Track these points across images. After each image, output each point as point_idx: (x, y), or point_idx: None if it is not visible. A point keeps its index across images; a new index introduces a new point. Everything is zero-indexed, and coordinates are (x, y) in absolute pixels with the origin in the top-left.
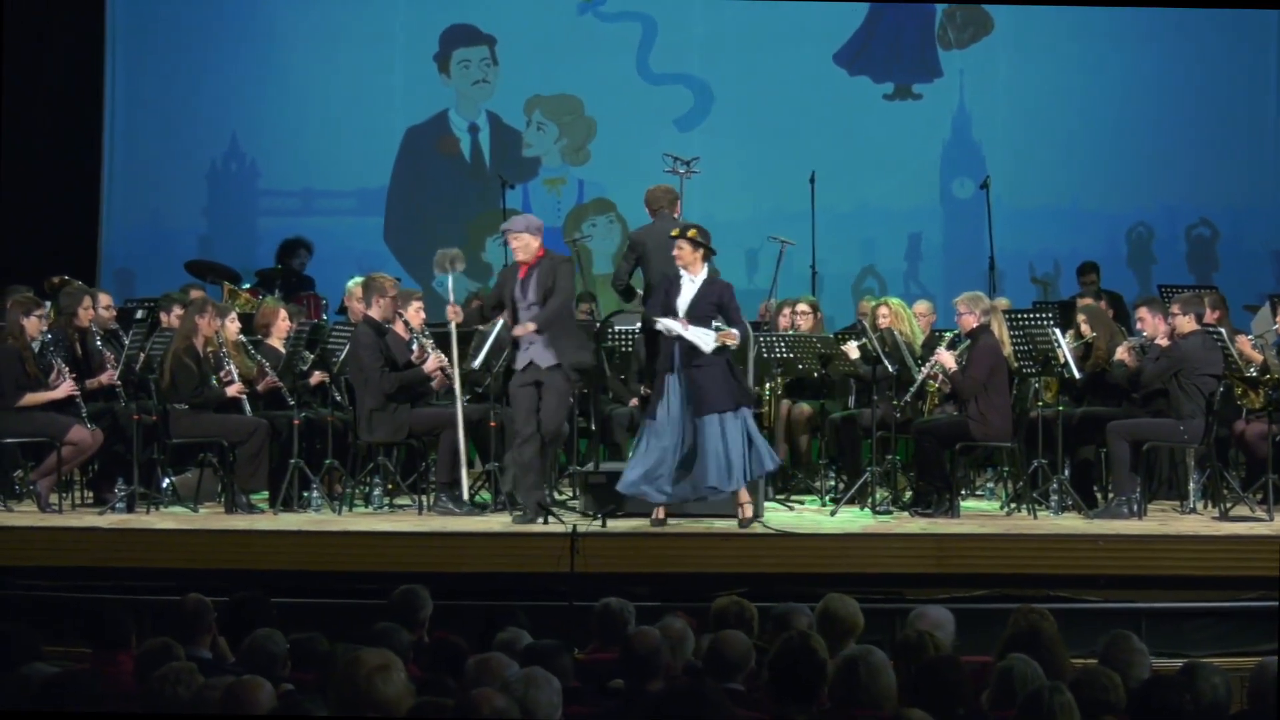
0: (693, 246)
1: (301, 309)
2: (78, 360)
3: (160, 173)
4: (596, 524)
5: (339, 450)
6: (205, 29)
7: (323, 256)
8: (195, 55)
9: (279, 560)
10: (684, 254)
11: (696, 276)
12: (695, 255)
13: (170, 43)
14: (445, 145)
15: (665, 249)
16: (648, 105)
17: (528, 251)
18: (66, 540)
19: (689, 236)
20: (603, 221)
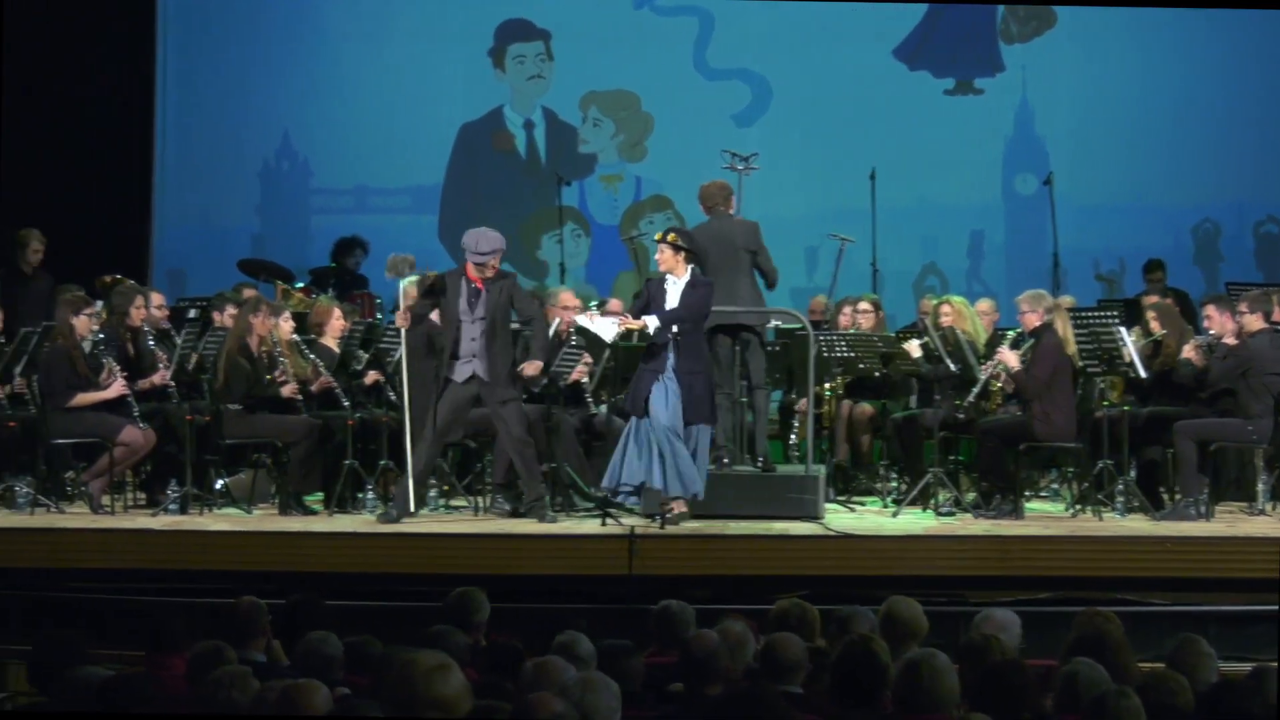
0: (674, 250)
1: (356, 308)
2: (130, 360)
3: (212, 171)
4: (655, 525)
5: (394, 451)
6: (256, 26)
7: (377, 255)
8: (246, 52)
9: (333, 562)
10: (665, 258)
11: (680, 279)
12: (677, 259)
13: (221, 40)
14: (500, 142)
15: (722, 246)
16: (705, 101)
17: (491, 269)
18: (119, 542)
19: (668, 240)
20: (660, 219)
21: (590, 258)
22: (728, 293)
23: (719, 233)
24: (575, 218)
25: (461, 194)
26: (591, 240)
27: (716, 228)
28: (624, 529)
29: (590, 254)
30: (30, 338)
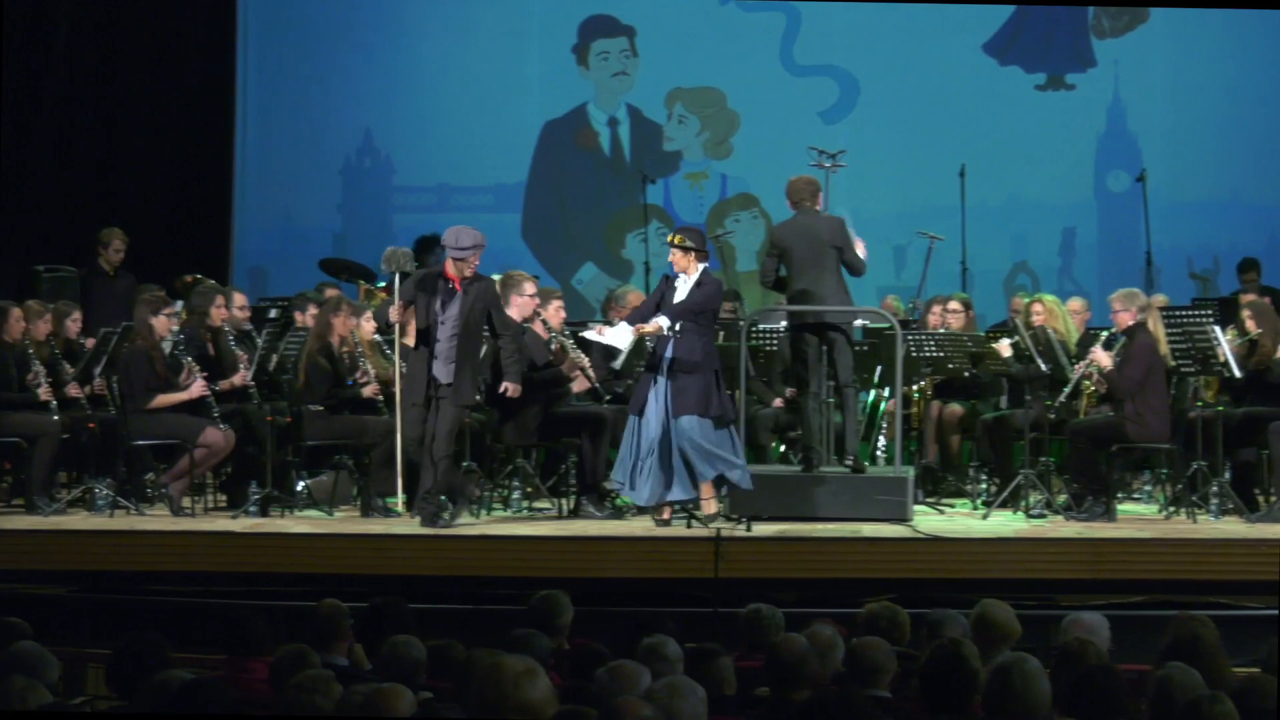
0: (683, 251)
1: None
2: (210, 361)
3: (293, 170)
4: (741, 528)
5: (477, 452)
6: (337, 23)
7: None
8: (328, 50)
9: (416, 565)
10: (676, 259)
11: (690, 277)
12: (688, 259)
13: (302, 38)
14: (584, 139)
15: (808, 242)
16: (792, 97)
17: (470, 267)
18: (199, 545)
19: (675, 243)
20: (746, 217)
21: None
22: (813, 289)
23: (805, 229)
24: (660, 216)
25: (545, 192)
26: None
27: (803, 224)
28: (710, 531)
29: None
30: (110, 338)
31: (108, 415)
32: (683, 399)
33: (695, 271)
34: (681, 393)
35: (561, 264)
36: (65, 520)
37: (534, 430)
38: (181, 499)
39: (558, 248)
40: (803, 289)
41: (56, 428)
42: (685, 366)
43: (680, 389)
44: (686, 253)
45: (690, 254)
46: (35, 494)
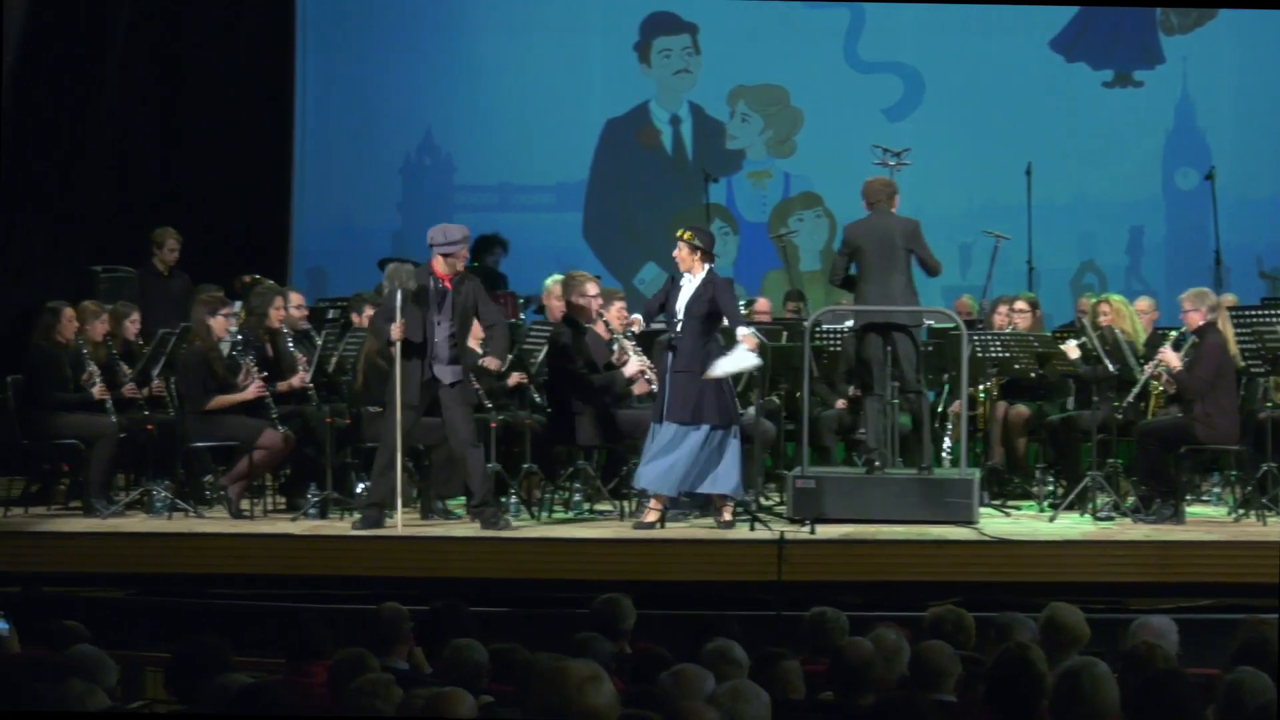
0: (690, 249)
1: (499, 307)
2: (269, 362)
3: (352, 168)
4: (805, 530)
5: (537, 454)
6: (397, 21)
7: (520, 253)
8: (387, 48)
9: (476, 568)
10: (682, 256)
11: (695, 277)
12: (693, 258)
13: (361, 35)
14: (646, 137)
15: (881, 243)
16: (856, 95)
17: (462, 259)
18: (258, 547)
19: (684, 239)
20: (810, 216)
21: (738, 256)
22: (881, 290)
23: (879, 229)
24: (723, 215)
25: (606, 191)
26: (739, 238)
27: (876, 224)
28: (773, 534)
29: (738, 252)
30: (168, 339)
31: (166, 417)
32: (677, 405)
33: (700, 271)
34: (675, 397)
35: (623, 263)
36: (123, 523)
37: (595, 432)
38: (240, 501)
39: (619, 247)
40: (871, 290)
41: (114, 429)
42: (685, 369)
43: (675, 393)
44: (694, 251)
45: (697, 253)
46: (93, 496)
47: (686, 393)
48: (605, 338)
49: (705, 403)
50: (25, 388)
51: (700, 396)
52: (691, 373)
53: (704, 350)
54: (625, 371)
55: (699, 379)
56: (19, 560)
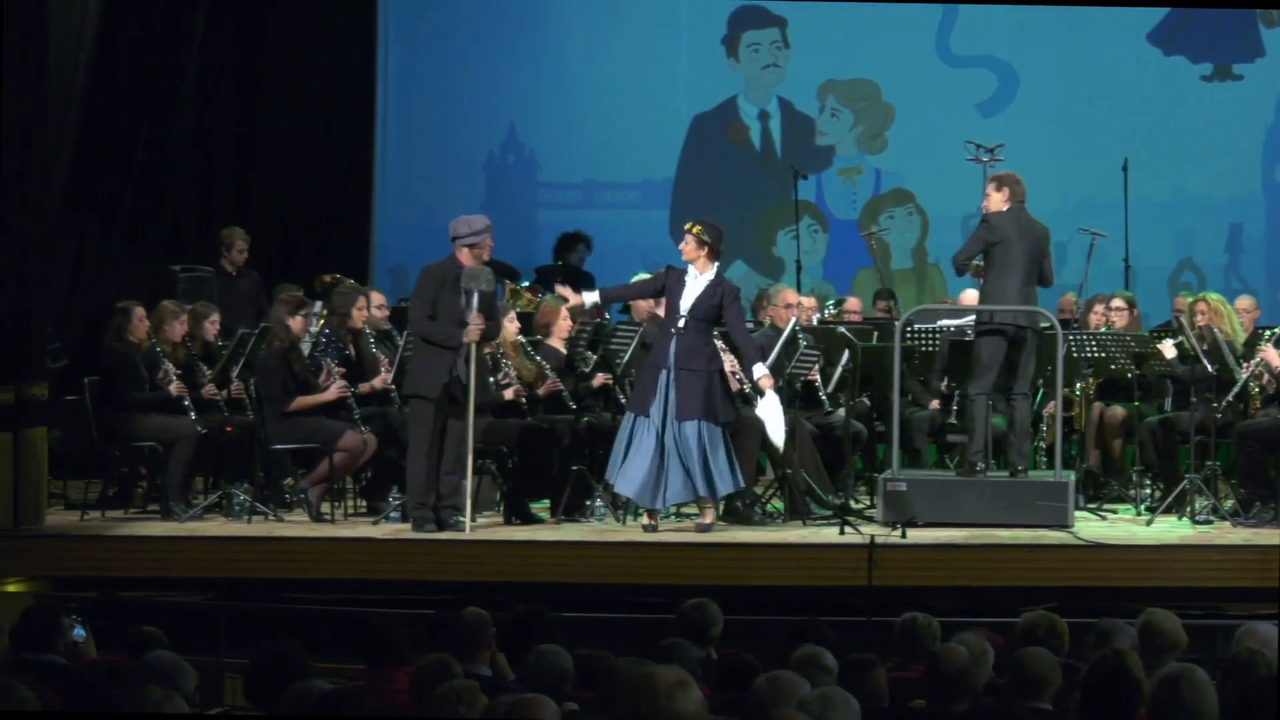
0: (697, 244)
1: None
2: (350, 362)
3: (435, 165)
4: (895, 534)
5: None
6: (480, 16)
7: (606, 251)
8: (470, 42)
9: (561, 572)
10: (689, 249)
11: (703, 275)
12: (700, 253)
13: (444, 29)
14: (734, 134)
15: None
16: (948, 89)
17: (488, 249)
18: (339, 551)
19: (694, 233)
20: (901, 214)
21: (828, 254)
22: (1016, 290)
23: (1027, 227)
24: (812, 213)
25: (693, 188)
26: (829, 236)
27: (1026, 221)
28: (863, 538)
29: (828, 250)
30: (247, 339)
31: (245, 419)
32: (686, 402)
33: (707, 269)
34: (685, 395)
35: None
36: (202, 526)
37: None
38: (320, 504)
39: None
40: (1010, 287)
41: (193, 431)
42: (691, 367)
43: (684, 391)
44: (701, 246)
45: (705, 248)
46: (171, 499)
47: (694, 390)
48: None
49: (713, 399)
50: (100, 389)
51: (709, 393)
52: (700, 371)
53: (708, 345)
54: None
55: (710, 376)
56: (96, 565)
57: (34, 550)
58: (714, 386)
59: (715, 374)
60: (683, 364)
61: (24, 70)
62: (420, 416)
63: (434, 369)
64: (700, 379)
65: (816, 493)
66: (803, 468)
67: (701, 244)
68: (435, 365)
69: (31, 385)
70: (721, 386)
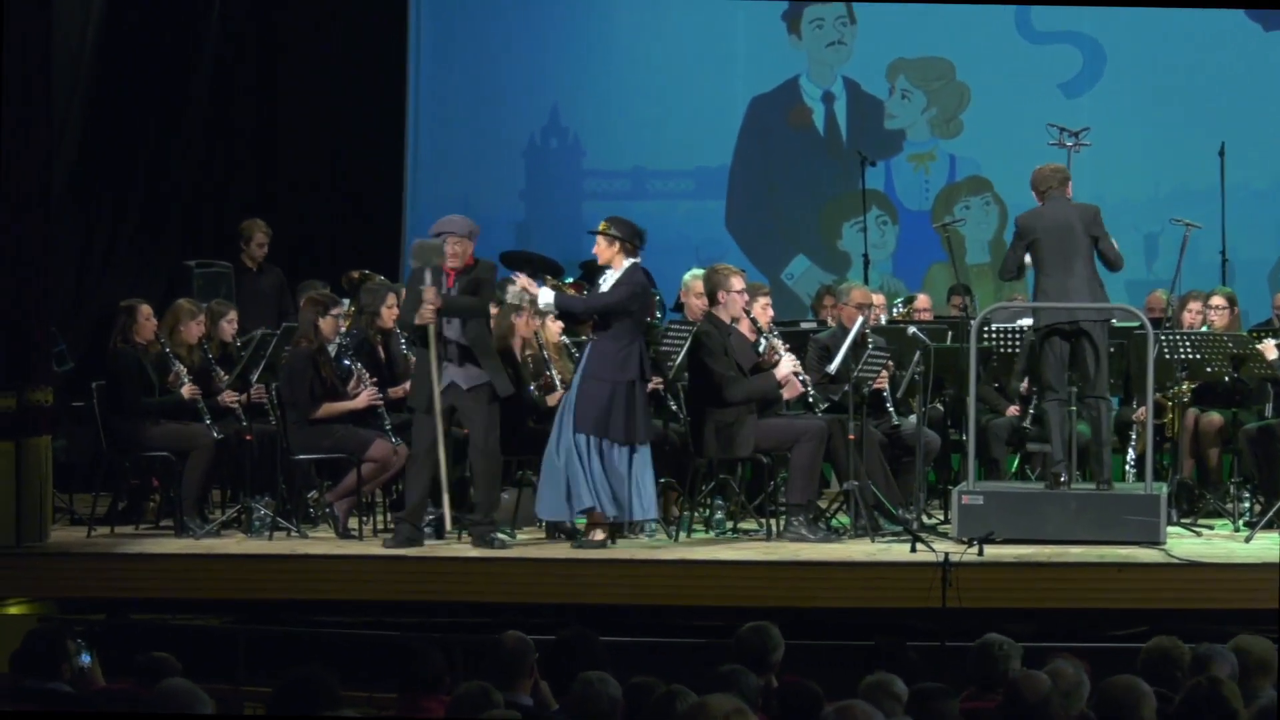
0: (607, 241)
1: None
2: (380, 366)
3: (471, 152)
4: (971, 552)
5: (676, 467)
6: None
7: (656, 246)
8: (509, 19)
9: (609, 593)
10: (600, 249)
11: (616, 272)
12: (612, 250)
13: (481, 5)
14: (796, 117)
15: (1061, 232)
16: (1029, 68)
17: (461, 258)
18: (368, 570)
19: (601, 230)
20: (977, 203)
21: (898, 248)
22: (1061, 284)
23: (1056, 219)
24: (881, 202)
25: (752, 176)
26: (899, 228)
27: (1052, 213)
28: (936, 556)
29: (898, 243)
30: (268, 340)
31: (266, 426)
32: (584, 415)
33: (620, 267)
34: (581, 406)
35: (770, 256)
36: (219, 543)
37: (740, 442)
38: (348, 519)
39: (766, 238)
40: (1050, 284)
41: (209, 440)
42: (595, 375)
43: (581, 401)
44: (611, 242)
45: (615, 244)
46: (186, 514)
47: (598, 401)
48: (751, 338)
49: (615, 414)
50: (107, 395)
51: (609, 405)
52: (604, 380)
53: (616, 354)
54: (775, 374)
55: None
56: (104, 585)
57: (37, 569)
58: (614, 400)
59: (624, 385)
60: (587, 371)
61: (26, 51)
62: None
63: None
64: (598, 388)
65: (886, 507)
66: (870, 480)
67: (612, 240)
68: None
69: (35, 391)
70: (628, 401)
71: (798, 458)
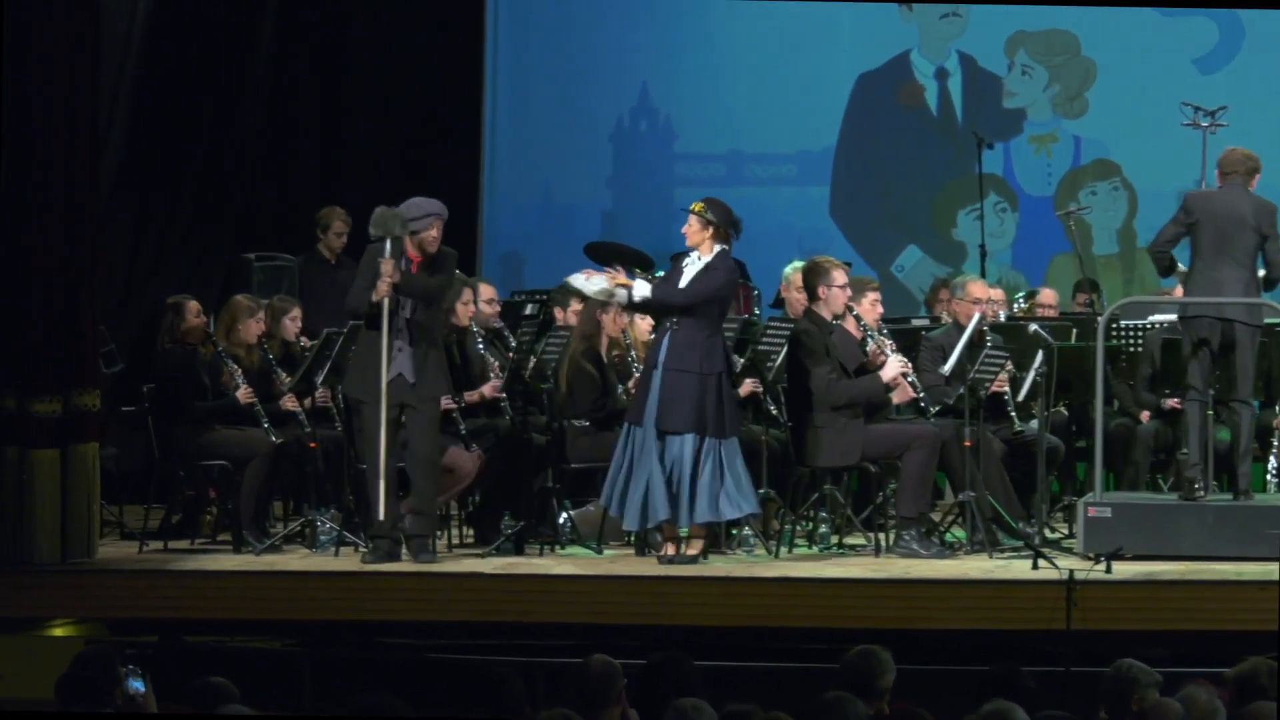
0: (702, 224)
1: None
2: (455, 367)
3: (554, 135)
4: (1099, 568)
5: (776, 477)
6: None
7: (755, 235)
8: None
9: (703, 614)
10: (691, 231)
11: (703, 259)
12: (704, 234)
13: None
14: (907, 95)
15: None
16: (1160, 42)
17: (432, 244)
18: (442, 589)
19: (695, 211)
20: (1104, 188)
21: (1017, 237)
22: (1212, 278)
23: (1228, 206)
24: (999, 188)
25: (858, 160)
26: (1019, 216)
27: (1225, 199)
28: (1060, 573)
29: (1018, 232)
30: (334, 340)
31: (332, 432)
32: (675, 413)
33: (709, 253)
34: (672, 403)
35: (878, 247)
36: (281, 560)
37: (845, 450)
38: None
39: (874, 227)
40: (1204, 275)
41: (270, 447)
42: (681, 368)
43: (668, 399)
44: (705, 226)
45: (710, 228)
46: (245, 528)
47: (688, 397)
48: (857, 336)
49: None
50: (157, 400)
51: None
52: (691, 373)
53: (704, 345)
54: (882, 375)
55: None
56: (157, 605)
57: (85, 588)
58: (706, 395)
59: (714, 378)
60: (671, 364)
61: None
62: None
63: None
64: (689, 381)
65: (1005, 520)
66: (988, 490)
67: (706, 224)
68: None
69: (81, 394)
70: (719, 395)
71: (909, 467)
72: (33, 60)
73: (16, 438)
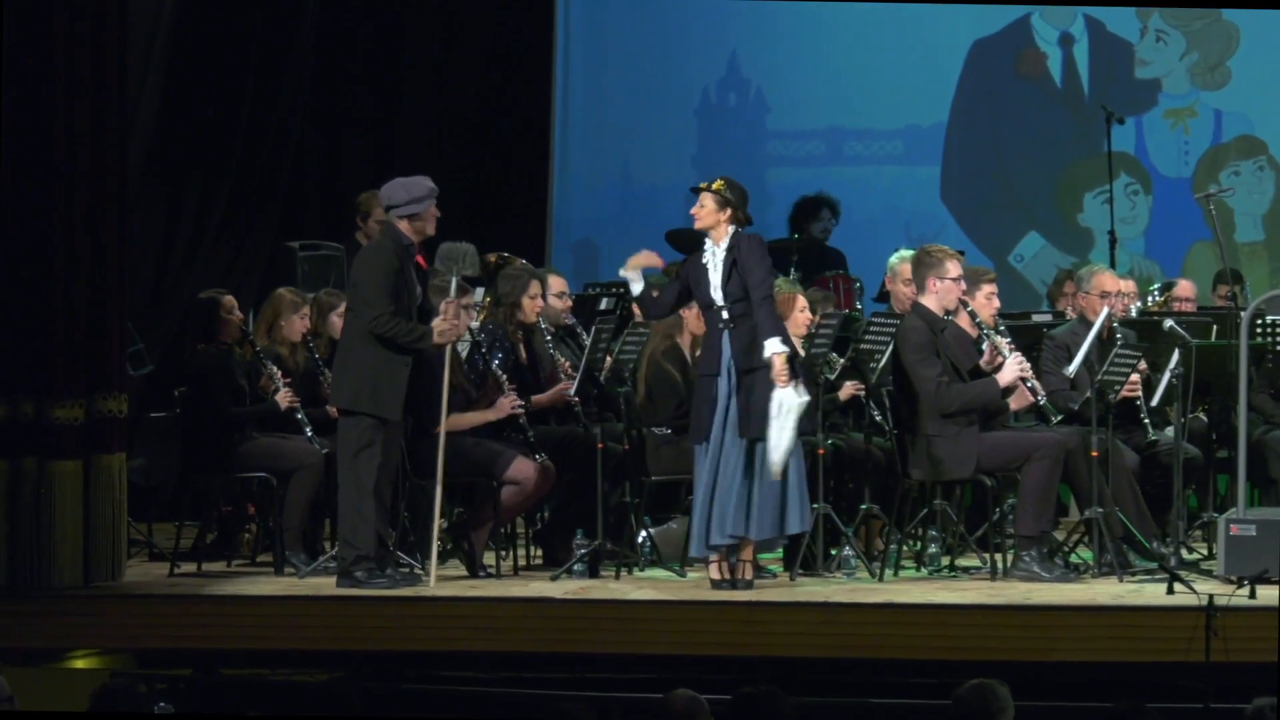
0: (717, 203)
1: (827, 294)
2: (521, 367)
3: (633, 111)
4: (1242, 593)
5: (880, 491)
6: None
7: (856, 220)
8: None
9: (797, 643)
10: (704, 214)
11: (720, 246)
12: (720, 216)
13: None
14: (1027, 64)
15: None
16: None
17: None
18: (507, 615)
19: (713, 189)
20: (1249, 168)
21: (1151, 222)
22: None
23: None
24: (1131, 168)
25: (973, 136)
26: (1152, 198)
27: None
28: (1199, 599)
29: (1151, 217)
30: None
31: None
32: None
33: (723, 238)
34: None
35: (995, 234)
36: (327, 583)
37: (958, 461)
38: (483, 554)
39: (990, 211)
40: None
41: (316, 458)
42: (749, 369)
43: (747, 402)
44: (724, 207)
45: (728, 210)
46: (288, 547)
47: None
48: (971, 334)
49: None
50: (189, 405)
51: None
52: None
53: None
54: (1000, 379)
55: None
56: (191, 633)
57: (110, 614)
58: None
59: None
60: (743, 364)
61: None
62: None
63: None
64: (764, 379)
65: (1137, 539)
66: (1118, 506)
67: (725, 204)
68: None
69: (106, 398)
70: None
71: (1029, 480)
72: (54, 37)
73: (35, 447)
